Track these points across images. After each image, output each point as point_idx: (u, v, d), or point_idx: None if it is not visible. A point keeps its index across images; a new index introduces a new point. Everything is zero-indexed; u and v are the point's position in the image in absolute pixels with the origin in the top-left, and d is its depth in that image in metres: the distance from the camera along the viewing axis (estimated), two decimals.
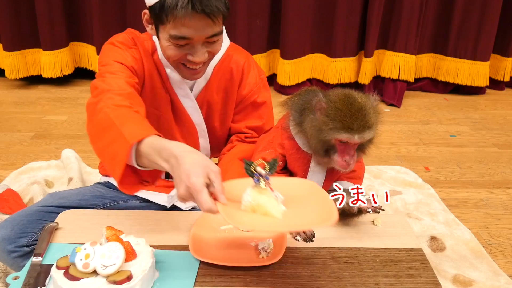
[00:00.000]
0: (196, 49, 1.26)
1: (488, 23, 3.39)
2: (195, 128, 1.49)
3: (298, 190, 1.07)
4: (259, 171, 0.98)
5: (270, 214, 0.98)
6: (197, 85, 1.44)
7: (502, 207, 2.21)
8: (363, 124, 1.17)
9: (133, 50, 1.36)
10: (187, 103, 1.45)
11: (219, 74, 1.45)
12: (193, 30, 1.21)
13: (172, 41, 1.24)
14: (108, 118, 1.09)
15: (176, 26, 1.20)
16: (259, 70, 1.54)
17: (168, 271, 1.07)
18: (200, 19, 1.19)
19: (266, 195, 0.99)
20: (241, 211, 0.99)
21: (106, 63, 1.31)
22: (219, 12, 1.21)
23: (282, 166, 1.35)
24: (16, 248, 1.31)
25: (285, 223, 0.97)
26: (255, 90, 1.50)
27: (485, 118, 3.27)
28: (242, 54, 1.50)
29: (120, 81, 1.24)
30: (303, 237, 1.22)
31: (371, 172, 2.44)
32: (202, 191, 0.93)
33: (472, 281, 1.69)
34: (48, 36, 3.36)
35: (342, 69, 3.52)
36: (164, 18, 1.21)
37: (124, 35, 1.39)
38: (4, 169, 2.39)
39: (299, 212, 1.01)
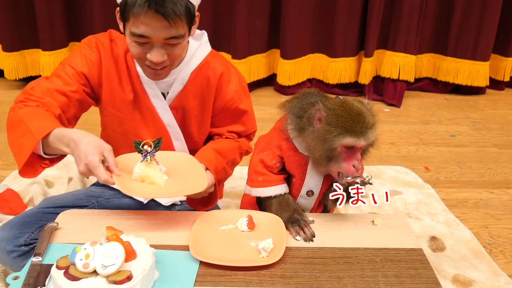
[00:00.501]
0: (154, 48, 1.28)
1: (488, 23, 3.39)
2: (166, 129, 1.49)
3: (178, 162, 1.32)
4: (146, 149, 1.21)
5: (156, 182, 1.22)
6: (173, 89, 1.45)
7: (502, 207, 2.21)
8: (365, 125, 1.18)
9: (93, 53, 1.43)
10: (157, 103, 1.46)
11: (196, 80, 1.46)
12: (150, 29, 1.24)
13: (133, 38, 1.27)
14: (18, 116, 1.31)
15: (135, 23, 1.24)
16: (240, 77, 1.54)
17: (168, 271, 1.07)
18: (156, 19, 1.22)
19: (152, 167, 1.22)
20: (132, 181, 1.22)
21: (64, 62, 1.44)
22: (176, 15, 1.22)
23: (280, 167, 1.35)
24: (15, 248, 1.34)
25: (166, 190, 1.21)
26: (236, 98, 1.51)
27: (485, 118, 3.27)
28: (221, 63, 1.50)
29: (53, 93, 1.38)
30: (303, 237, 1.23)
31: (371, 172, 2.44)
32: (99, 167, 1.15)
33: (472, 281, 1.69)
34: (48, 37, 3.36)
35: (342, 69, 3.52)
36: (126, 15, 1.25)
37: (91, 38, 1.46)
38: (4, 169, 2.39)
39: (177, 181, 1.25)
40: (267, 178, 1.33)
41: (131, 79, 1.44)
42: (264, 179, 1.33)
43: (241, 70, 3.41)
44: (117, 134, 1.53)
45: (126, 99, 1.45)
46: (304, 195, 1.36)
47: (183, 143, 1.53)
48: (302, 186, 1.35)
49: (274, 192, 1.32)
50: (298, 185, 1.35)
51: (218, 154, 1.47)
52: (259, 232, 1.23)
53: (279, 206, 1.31)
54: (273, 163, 1.33)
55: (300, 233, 1.23)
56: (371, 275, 1.10)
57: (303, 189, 1.35)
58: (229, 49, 3.45)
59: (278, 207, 1.31)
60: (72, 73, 1.41)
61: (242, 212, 1.30)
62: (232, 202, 2.10)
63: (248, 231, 1.23)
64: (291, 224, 1.25)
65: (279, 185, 1.33)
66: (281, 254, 1.13)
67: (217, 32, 3.46)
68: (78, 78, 1.42)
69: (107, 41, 1.44)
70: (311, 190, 1.35)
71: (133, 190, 1.19)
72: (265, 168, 1.34)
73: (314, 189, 1.35)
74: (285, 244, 1.16)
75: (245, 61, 3.43)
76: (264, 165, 1.34)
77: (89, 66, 1.42)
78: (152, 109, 1.46)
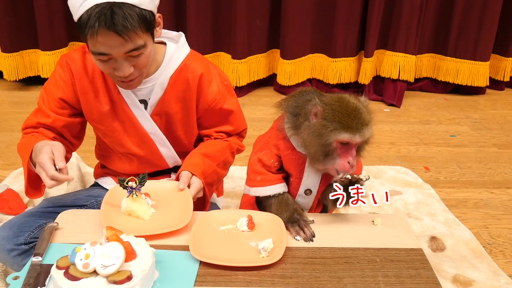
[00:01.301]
0: (119, 64, 1.26)
1: (488, 23, 3.39)
2: (149, 137, 1.48)
3: (168, 193, 1.34)
4: (131, 185, 1.24)
5: (141, 217, 1.24)
6: (154, 95, 1.44)
7: (502, 207, 2.21)
8: (361, 122, 1.17)
9: (65, 72, 1.43)
10: (136, 112, 1.45)
11: (176, 84, 1.44)
12: (107, 47, 1.22)
13: (95, 56, 1.26)
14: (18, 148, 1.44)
15: (92, 42, 1.22)
16: (222, 76, 1.52)
17: (168, 271, 1.07)
18: (110, 37, 1.19)
19: (139, 202, 1.25)
20: (119, 215, 1.25)
21: (43, 89, 1.49)
22: (129, 30, 1.19)
23: (278, 166, 1.35)
24: (15, 247, 1.35)
25: (150, 226, 1.22)
26: (219, 98, 1.49)
27: (485, 118, 3.27)
28: (200, 63, 1.47)
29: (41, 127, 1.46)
30: (303, 237, 1.23)
31: (371, 172, 2.44)
32: (46, 163, 1.23)
33: (472, 281, 1.69)
34: (48, 36, 3.36)
35: (342, 69, 3.52)
36: (83, 35, 1.23)
37: (62, 57, 1.45)
38: (4, 169, 2.39)
39: (164, 214, 1.27)
40: (265, 178, 1.33)
41: (108, 91, 1.43)
42: (262, 179, 1.33)
43: (241, 70, 3.42)
44: (105, 144, 1.55)
45: (103, 111, 1.45)
46: (302, 194, 1.36)
47: (169, 149, 1.52)
48: (300, 185, 1.35)
49: (272, 191, 1.32)
50: (296, 184, 1.35)
51: (206, 157, 1.47)
52: (259, 232, 1.23)
53: (279, 206, 1.31)
54: (271, 162, 1.33)
55: (300, 233, 1.23)
56: (371, 275, 1.10)
57: (301, 188, 1.35)
58: (229, 49, 3.45)
59: (278, 207, 1.31)
60: (49, 102, 1.45)
61: (242, 212, 1.30)
62: (232, 202, 2.10)
63: (248, 231, 1.23)
64: (291, 224, 1.25)
65: (278, 184, 1.33)
66: (281, 254, 1.13)
67: (217, 32, 3.46)
68: (57, 105, 1.45)
69: (78, 57, 1.43)
70: (309, 189, 1.35)
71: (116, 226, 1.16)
72: (263, 168, 1.34)
73: (312, 188, 1.35)
74: (285, 244, 1.16)
75: (245, 61, 3.43)
76: (262, 164, 1.34)
77: (63, 88, 1.43)
78: (132, 118, 1.45)
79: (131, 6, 1.20)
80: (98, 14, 1.17)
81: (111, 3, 1.18)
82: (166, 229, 1.20)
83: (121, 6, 1.18)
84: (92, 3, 1.19)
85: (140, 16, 1.22)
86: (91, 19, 1.18)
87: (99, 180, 1.64)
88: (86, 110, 1.46)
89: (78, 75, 1.42)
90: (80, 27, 1.22)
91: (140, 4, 1.22)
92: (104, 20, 1.17)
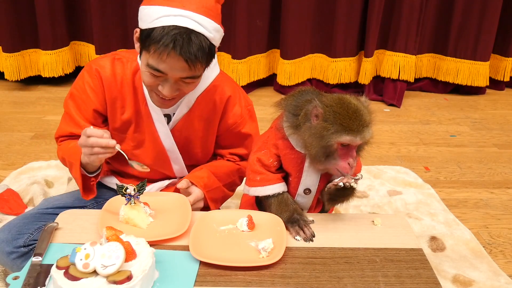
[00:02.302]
0: (168, 83, 1.27)
1: (488, 23, 3.39)
2: (166, 154, 1.49)
3: (168, 203, 1.33)
4: (129, 192, 1.23)
5: (138, 225, 1.23)
6: (178, 112, 1.45)
7: (502, 207, 2.21)
8: (361, 124, 1.17)
9: (95, 80, 1.42)
10: (160, 128, 1.46)
11: (201, 104, 1.45)
12: (169, 68, 1.23)
13: (149, 69, 1.26)
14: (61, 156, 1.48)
15: (155, 57, 1.22)
16: (246, 101, 1.54)
17: (168, 271, 1.07)
18: (177, 60, 1.21)
19: (137, 210, 1.24)
20: (117, 223, 1.23)
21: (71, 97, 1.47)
22: (197, 61, 1.22)
23: (277, 166, 1.35)
24: (14, 249, 1.34)
25: (147, 234, 1.20)
26: (240, 122, 1.51)
27: (485, 118, 3.27)
28: (229, 86, 1.49)
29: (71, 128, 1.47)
30: (303, 237, 1.23)
31: (371, 172, 2.44)
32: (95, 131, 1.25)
33: (472, 281, 1.69)
34: (49, 36, 3.36)
35: (342, 69, 3.52)
36: (148, 47, 1.23)
37: (91, 65, 1.44)
38: (4, 169, 2.39)
39: (161, 224, 1.26)
40: (265, 177, 1.33)
41: (135, 101, 1.43)
42: (262, 178, 1.33)
43: (241, 70, 3.42)
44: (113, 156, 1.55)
45: (127, 121, 1.45)
46: (302, 194, 1.36)
47: (182, 166, 1.54)
48: (299, 184, 1.35)
49: (272, 191, 1.32)
50: (295, 184, 1.35)
51: (212, 174, 1.48)
52: (259, 232, 1.23)
53: (279, 206, 1.31)
54: (270, 161, 1.33)
55: (300, 233, 1.23)
56: (371, 275, 1.10)
57: (300, 187, 1.35)
58: (229, 49, 3.45)
59: (278, 207, 1.31)
60: (81, 111, 1.44)
61: (242, 212, 1.30)
62: (232, 202, 2.10)
63: (248, 231, 1.23)
64: (291, 224, 1.25)
65: (277, 184, 1.33)
66: (281, 254, 1.13)
67: None
68: (90, 115, 1.44)
69: (108, 64, 1.42)
70: (308, 188, 1.35)
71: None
72: (262, 167, 1.34)
73: (311, 187, 1.35)
74: (285, 244, 1.16)
75: (245, 61, 3.43)
76: (261, 164, 1.34)
77: (95, 98, 1.43)
78: (154, 132, 1.46)
79: (205, 38, 1.22)
80: (175, 37, 1.18)
81: (190, 30, 1.19)
82: (162, 237, 1.19)
83: (198, 36, 1.20)
84: (171, 22, 1.19)
85: (210, 50, 1.24)
86: (166, 38, 1.18)
87: (103, 180, 1.61)
88: (111, 117, 1.46)
89: (108, 83, 1.42)
90: (149, 39, 1.21)
91: (213, 40, 1.25)
92: (180, 45, 1.18)
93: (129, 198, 1.23)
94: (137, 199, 1.25)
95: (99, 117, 1.46)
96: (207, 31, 1.22)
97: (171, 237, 1.19)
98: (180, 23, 1.19)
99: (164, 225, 1.25)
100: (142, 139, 1.48)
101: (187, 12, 1.19)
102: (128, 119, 1.45)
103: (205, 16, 1.22)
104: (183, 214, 1.28)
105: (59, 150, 1.49)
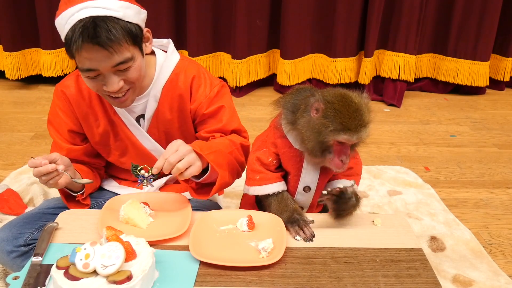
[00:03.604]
0: (108, 78, 1.25)
1: (488, 23, 3.39)
2: (150, 154, 1.48)
3: (169, 204, 1.33)
4: (142, 173, 1.23)
5: (138, 225, 1.23)
6: (148, 109, 1.43)
7: (502, 207, 2.21)
8: (360, 123, 1.17)
9: (63, 102, 1.43)
10: (135, 131, 1.45)
11: (168, 94, 1.43)
12: (94, 62, 1.21)
13: (83, 73, 1.25)
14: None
15: (79, 59, 1.21)
16: (212, 82, 1.45)
17: (168, 271, 1.07)
18: (96, 51, 1.19)
19: (137, 209, 1.24)
20: (118, 222, 1.23)
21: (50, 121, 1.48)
22: (114, 42, 1.18)
23: (277, 165, 1.35)
24: (14, 248, 1.35)
25: (147, 234, 1.19)
26: (205, 102, 1.43)
27: (485, 118, 3.27)
28: (190, 70, 1.44)
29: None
30: (303, 237, 1.23)
31: (371, 172, 2.44)
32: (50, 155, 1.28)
33: (472, 281, 1.69)
34: (49, 35, 3.36)
35: (342, 69, 3.52)
36: (70, 53, 1.22)
37: (57, 87, 1.45)
38: (4, 169, 2.39)
39: (160, 224, 1.25)
40: (264, 176, 1.33)
41: (105, 112, 1.43)
42: (261, 177, 1.34)
43: (241, 70, 3.42)
44: (109, 162, 1.56)
45: (103, 134, 1.45)
46: (301, 191, 1.36)
47: None
48: (299, 182, 1.35)
49: (271, 190, 1.32)
50: (294, 182, 1.35)
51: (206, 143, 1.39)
52: (259, 232, 1.23)
53: (278, 206, 1.31)
54: (269, 160, 1.33)
55: (300, 233, 1.23)
56: (371, 275, 1.10)
57: (299, 185, 1.35)
58: (229, 49, 3.45)
59: (278, 207, 1.31)
60: (59, 134, 1.45)
61: (242, 212, 1.30)
62: (232, 202, 2.10)
63: (248, 231, 1.23)
64: (291, 224, 1.25)
65: (277, 182, 1.33)
66: (281, 254, 1.13)
67: (217, 32, 3.46)
68: (67, 137, 1.46)
69: (72, 83, 1.42)
70: (308, 185, 1.35)
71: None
72: (262, 166, 1.34)
73: (311, 185, 1.35)
74: (285, 244, 1.16)
75: (245, 61, 3.43)
76: (260, 163, 1.34)
77: (66, 119, 1.44)
78: (131, 137, 1.45)
79: (114, 19, 1.20)
80: (82, 29, 1.17)
81: (93, 17, 1.18)
82: (162, 237, 1.19)
83: (104, 20, 1.18)
84: (75, 19, 1.18)
85: (125, 28, 1.21)
86: (75, 34, 1.17)
87: (102, 184, 1.62)
88: (88, 133, 1.47)
89: (75, 101, 1.42)
90: (66, 44, 1.21)
91: (124, 17, 1.22)
92: (87, 34, 1.16)
93: (142, 179, 1.22)
94: (149, 182, 1.23)
95: (77, 136, 1.47)
96: (112, 11, 1.19)
97: (171, 237, 1.19)
98: (83, 15, 1.18)
99: (164, 225, 1.25)
100: (124, 146, 1.48)
101: (86, 3, 1.18)
102: (105, 131, 1.45)
103: None
104: (183, 214, 1.28)
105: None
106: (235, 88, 3.48)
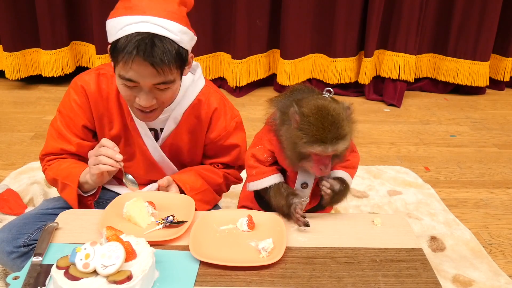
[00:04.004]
0: (143, 93, 1.26)
1: (488, 23, 3.39)
2: (157, 165, 1.50)
3: (174, 204, 1.33)
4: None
5: (138, 224, 1.23)
6: (166, 128, 1.45)
7: (502, 207, 2.21)
8: (336, 136, 1.17)
9: (81, 97, 1.42)
10: (147, 142, 1.46)
11: (188, 119, 1.46)
12: (138, 75, 1.22)
13: (121, 80, 1.26)
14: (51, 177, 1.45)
15: (124, 67, 1.22)
16: (232, 113, 1.52)
17: (168, 271, 1.07)
18: (145, 66, 1.20)
19: (139, 208, 1.25)
20: (120, 219, 1.25)
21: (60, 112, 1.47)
22: (164, 64, 1.20)
23: (272, 161, 1.36)
24: (14, 249, 1.35)
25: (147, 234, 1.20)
26: (224, 134, 1.49)
27: (485, 118, 3.27)
28: (214, 99, 1.48)
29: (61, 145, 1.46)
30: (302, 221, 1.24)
31: (371, 172, 2.44)
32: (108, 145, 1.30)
33: (472, 281, 1.69)
34: (49, 35, 3.36)
35: (342, 69, 3.52)
36: (116, 58, 1.23)
37: (76, 81, 1.44)
38: (4, 169, 2.39)
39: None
40: (260, 171, 1.35)
41: (122, 116, 1.44)
42: (257, 172, 1.35)
43: (241, 70, 3.42)
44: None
45: (115, 136, 1.45)
46: (299, 188, 1.37)
47: (175, 172, 1.54)
48: (296, 179, 1.36)
49: (268, 182, 1.33)
50: (293, 178, 1.36)
51: (200, 177, 1.49)
52: (259, 232, 1.23)
53: (275, 197, 1.32)
54: (264, 157, 1.35)
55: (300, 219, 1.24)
56: (371, 275, 1.11)
57: (297, 182, 1.36)
58: (229, 49, 3.45)
59: (275, 198, 1.32)
60: (70, 128, 1.44)
61: (242, 212, 1.30)
62: (232, 202, 2.10)
63: (248, 231, 1.23)
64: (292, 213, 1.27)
65: (273, 175, 1.34)
66: (281, 254, 1.13)
67: (217, 32, 3.46)
68: (79, 132, 1.45)
69: (92, 80, 1.42)
70: (305, 182, 1.36)
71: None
72: (257, 162, 1.36)
73: (308, 181, 1.36)
74: (285, 244, 1.16)
75: (245, 61, 3.43)
76: (256, 159, 1.36)
77: (82, 114, 1.43)
78: (142, 146, 1.47)
79: (171, 41, 1.21)
80: (138, 43, 1.17)
81: (153, 34, 1.18)
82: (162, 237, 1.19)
83: (162, 40, 1.19)
84: (133, 29, 1.19)
85: (177, 53, 1.23)
86: (129, 45, 1.18)
87: None
88: (99, 133, 1.47)
89: (93, 99, 1.42)
90: (115, 50, 1.22)
91: (180, 42, 1.23)
92: (143, 50, 1.17)
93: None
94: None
95: (89, 133, 1.47)
96: (171, 33, 1.21)
97: (171, 237, 1.19)
98: (142, 29, 1.18)
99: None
100: (133, 152, 1.49)
101: (148, 18, 1.19)
102: (117, 134, 1.45)
103: (168, 19, 1.21)
104: (185, 215, 1.28)
105: (49, 170, 1.46)
106: (235, 88, 3.48)
